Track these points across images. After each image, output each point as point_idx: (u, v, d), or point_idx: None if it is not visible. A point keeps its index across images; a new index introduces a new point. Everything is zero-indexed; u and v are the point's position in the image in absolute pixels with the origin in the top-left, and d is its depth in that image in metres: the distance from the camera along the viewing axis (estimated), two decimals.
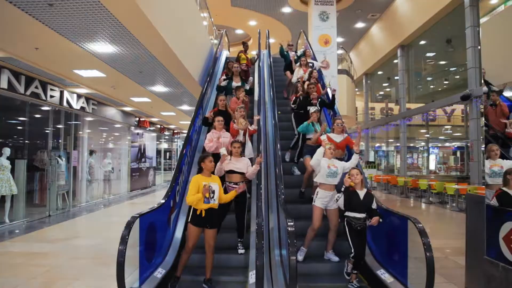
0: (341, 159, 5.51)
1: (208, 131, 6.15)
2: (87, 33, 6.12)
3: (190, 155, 6.48)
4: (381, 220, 4.12)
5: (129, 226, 3.57)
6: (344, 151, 5.77)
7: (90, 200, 12.58)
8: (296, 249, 3.47)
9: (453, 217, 10.42)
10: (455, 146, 25.81)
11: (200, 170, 4.31)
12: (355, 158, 4.81)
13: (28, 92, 8.54)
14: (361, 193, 4.22)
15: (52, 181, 10.00)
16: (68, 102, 10.35)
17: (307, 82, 7.59)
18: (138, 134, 17.22)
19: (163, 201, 4.46)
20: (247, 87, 7.76)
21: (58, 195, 10.76)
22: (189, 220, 4.16)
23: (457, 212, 11.17)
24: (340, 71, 15.60)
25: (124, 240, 3.44)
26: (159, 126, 20.30)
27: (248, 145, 5.99)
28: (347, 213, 4.21)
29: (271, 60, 10.53)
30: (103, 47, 6.76)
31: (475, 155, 12.01)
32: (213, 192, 4.15)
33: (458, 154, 26.05)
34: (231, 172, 4.87)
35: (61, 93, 10.01)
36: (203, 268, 4.25)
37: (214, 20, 15.20)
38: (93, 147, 13.37)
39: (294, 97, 7.30)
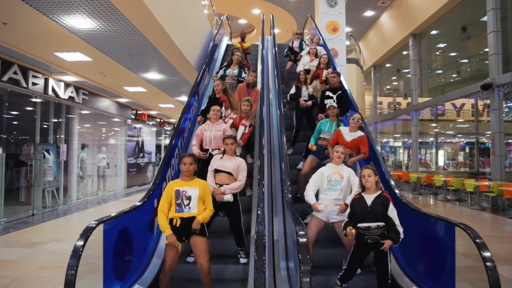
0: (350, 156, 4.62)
1: None
2: (61, 3, 5.23)
3: (182, 147, 5.63)
4: (395, 245, 3.16)
5: (86, 234, 2.71)
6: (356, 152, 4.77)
7: (82, 198, 11.76)
8: (309, 267, 2.58)
9: (475, 216, 9.49)
10: (464, 141, 24.93)
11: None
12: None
13: (5, 78, 7.67)
14: (369, 197, 3.29)
15: (36, 176, 9.17)
16: (54, 91, 9.49)
17: (328, 71, 6.73)
18: (135, 127, 16.38)
19: (140, 203, 3.57)
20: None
21: (47, 192, 9.98)
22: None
23: (478, 210, 10.23)
24: (349, 60, 14.64)
25: (77, 253, 2.59)
26: (158, 120, 19.45)
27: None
28: (358, 224, 3.27)
29: (276, 48, 9.67)
30: (81, 21, 5.86)
31: (497, 149, 11.07)
32: (189, 198, 3.30)
33: (467, 150, 25.17)
34: (217, 171, 4.04)
35: (46, 80, 9.14)
36: (192, 281, 3.40)
37: (216, 8, 14.29)
38: (86, 141, 12.58)
39: (294, 86, 6.42)
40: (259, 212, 3.22)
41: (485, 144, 21.84)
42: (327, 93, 5.92)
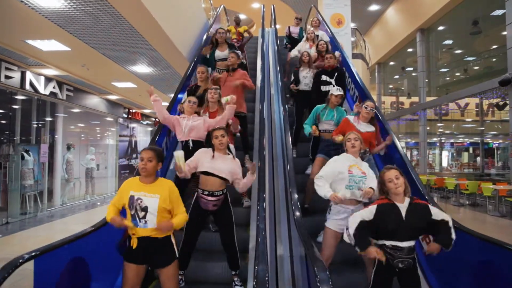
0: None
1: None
2: None
3: (168, 148, 4.77)
4: (445, 249, 2.41)
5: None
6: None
7: (67, 202, 10.88)
8: None
9: (495, 224, 8.60)
10: (468, 142, 24.29)
11: None
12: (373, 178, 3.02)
13: None
14: (403, 206, 2.48)
15: (11, 180, 8.28)
16: (32, 85, 8.58)
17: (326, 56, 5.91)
18: (128, 127, 15.51)
19: (92, 228, 2.69)
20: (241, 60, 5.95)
21: (27, 197, 9.11)
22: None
23: (498, 217, 9.34)
24: (354, 55, 13.78)
25: None
26: (153, 119, 18.55)
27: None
28: (380, 241, 2.49)
29: (278, 41, 8.83)
30: None
31: None
32: (144, 209, 2.42)
33: (471, 150, 24.52)
34: (207, 173, 3.10)
35: (23, 74, 8.25)
36: None
37: (214, 2, 13.43)
38: (73, 141, 11.71)
39: (293, 72, 5.59)
40: (258, 250, 2.32)
41: (489, 144, 21.13)
42: (323, 77, 5.01)
